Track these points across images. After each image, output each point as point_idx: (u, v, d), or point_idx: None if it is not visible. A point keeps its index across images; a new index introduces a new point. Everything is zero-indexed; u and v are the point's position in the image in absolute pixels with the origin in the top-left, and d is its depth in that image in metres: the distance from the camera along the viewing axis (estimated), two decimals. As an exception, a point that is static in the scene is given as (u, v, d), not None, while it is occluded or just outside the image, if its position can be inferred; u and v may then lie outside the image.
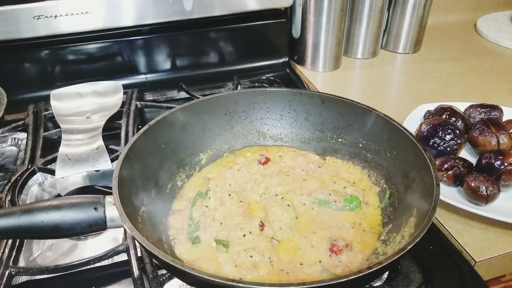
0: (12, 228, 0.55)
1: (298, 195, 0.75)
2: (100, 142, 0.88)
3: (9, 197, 0.78)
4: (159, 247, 0.57)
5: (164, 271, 0.65)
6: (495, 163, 0.78)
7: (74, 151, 0.86)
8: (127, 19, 1.07)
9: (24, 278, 0.70)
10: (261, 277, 0.61)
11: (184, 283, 0.64)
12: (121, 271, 0.69)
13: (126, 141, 0.92)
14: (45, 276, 0.68)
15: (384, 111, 0.76)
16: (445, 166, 0.79)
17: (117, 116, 0.99)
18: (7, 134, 0.99)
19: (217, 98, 0.84)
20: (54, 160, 0.86)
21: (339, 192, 0.75)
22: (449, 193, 0.78)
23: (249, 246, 0.65)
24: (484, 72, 1.28)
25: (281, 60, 1.31)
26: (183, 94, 1.14)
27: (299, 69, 1.29)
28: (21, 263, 0.71)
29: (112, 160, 0.84)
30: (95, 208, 0.58)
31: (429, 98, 1.11)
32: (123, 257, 0.69)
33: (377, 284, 0.64)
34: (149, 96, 1.14)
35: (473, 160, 0.84)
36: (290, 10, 1.25)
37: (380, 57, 1.37)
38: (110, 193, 0.59)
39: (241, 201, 0.73)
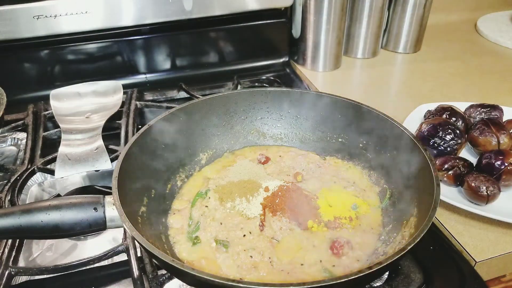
0: (12, 228, 0.55)
1: (298, 195, 0.74)
2: (100, 142, 0.88)
3: (9, 197, 0.77)
4: (159, 247, 0.57)
5: (164, 271, 0.65)
6: (496, 163, 0.78)
7: (74, 151, 0.86)
8: (127, 19, 1.07)
9: (24, 278, 0.70)
10: (261, 277, 0.61)
11: (184, 283, 0.64)
12: (121, 271, 0.69)
13: (126, 141, 0.92)
14: (45, 276, 0.68)
15: (384, 111, 0.76)
16: (445, 166, 0.79)
17: (117, 116, 0.99)
18: (6, 134, 0.99)
19: (217, 98, 0.84)
20: (53, 160, 0.86)
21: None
22: (449, 193, 0.78)
23: (249, 246, 0.65)
24: (484, 72, 1.27)
25: (281, 60, 1.31)
26: (183, 94, 1.14)
27: (299, 69, 1.29)
28: (21, 263, 0.71)
29: (112, 160, 0.84)
30: (95, 208, 0.58)
31: (429, 98, 1.11)
32: (123, 257, 0.69)
33: (378, 284, 0.64)
34: (149, 96, 1.14)
35: (473, 160, 0.84)
36: (290, 10, 1.25)
37: (380, 57, 1.37)
38: (110, 193, 0.59)
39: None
